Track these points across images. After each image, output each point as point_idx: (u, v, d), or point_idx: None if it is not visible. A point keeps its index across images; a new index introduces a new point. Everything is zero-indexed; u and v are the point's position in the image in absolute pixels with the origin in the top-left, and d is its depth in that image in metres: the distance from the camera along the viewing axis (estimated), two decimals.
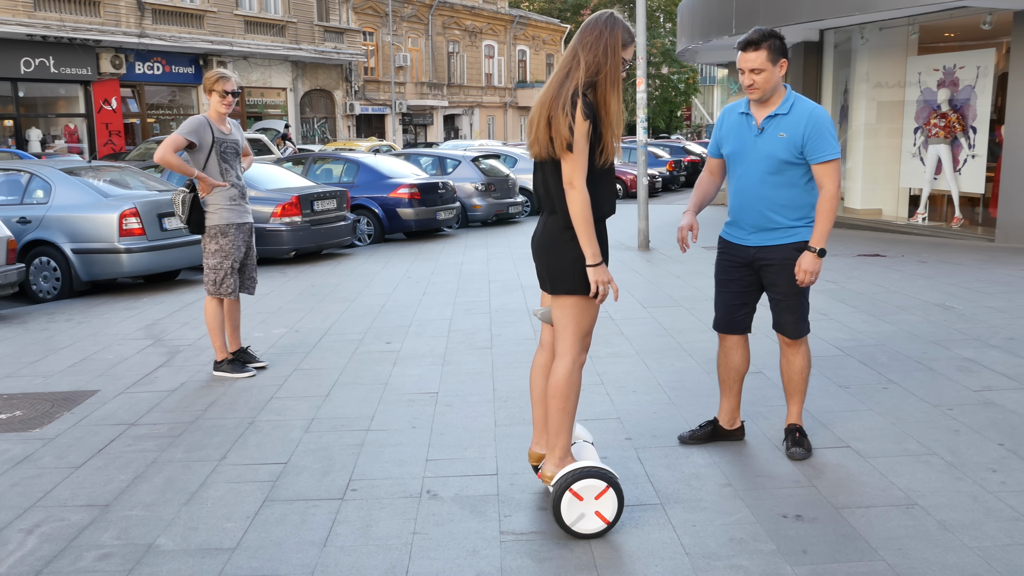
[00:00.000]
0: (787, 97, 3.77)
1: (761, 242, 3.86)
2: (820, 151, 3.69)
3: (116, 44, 22.84)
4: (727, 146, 3.92)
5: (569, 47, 3.27)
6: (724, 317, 4.07)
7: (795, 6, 12.14)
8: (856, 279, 8.60)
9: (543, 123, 3.18)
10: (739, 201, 3.89)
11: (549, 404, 3.35)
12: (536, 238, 3.39)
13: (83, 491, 3.84)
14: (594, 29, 3.23)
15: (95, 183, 9.40)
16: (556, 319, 3.35)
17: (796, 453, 3.98)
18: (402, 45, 37.57)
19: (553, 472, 3.36)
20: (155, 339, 6.83)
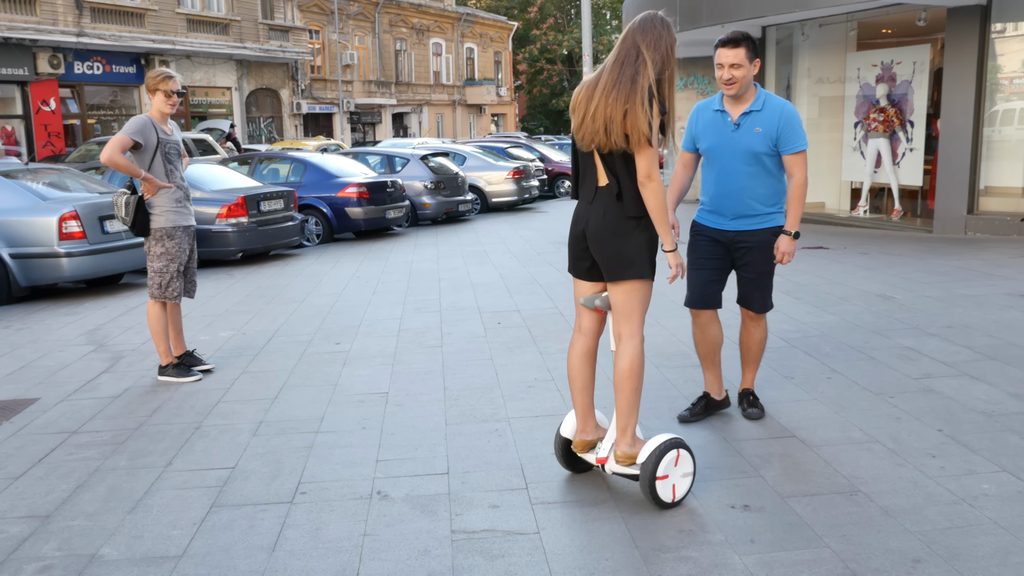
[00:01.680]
0: (759, 94, 4.11)
1: (741, 227, 4.19)
2: (792, 143, 4.06)
3: (54, 43, 22.28)
4: (704, 142, 4.21)
5: (625, 45, 3.36)
6: (699, 294, 4.32)
7: (737, 3, 12.31)
8: (800, 271, 8.76)
9: (619, 117, 3.27)
10: (720, 191, 4.18)
11: (622, 386, 3.51)
12: (595, 227, 3.44)
13: (23, 502, 3.74)
14: (652, 29, 3.37)
15: (33, 186, 9.16)
16: (621, 304, 3.50)
17: (752, 413, 4.42)
18: (349, 43, 37.25)
19: (627, 452, 3.51)
20: (98, 344, 6.68)
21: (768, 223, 4.17)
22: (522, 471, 3.88)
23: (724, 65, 4.01)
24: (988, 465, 3.72)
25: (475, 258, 10.82)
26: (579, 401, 3.70)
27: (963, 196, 11.19)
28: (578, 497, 3.58)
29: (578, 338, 3.70)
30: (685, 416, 4.44)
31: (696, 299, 4.32)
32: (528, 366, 5.59)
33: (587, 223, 3.48)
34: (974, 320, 6.33)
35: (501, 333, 6.53)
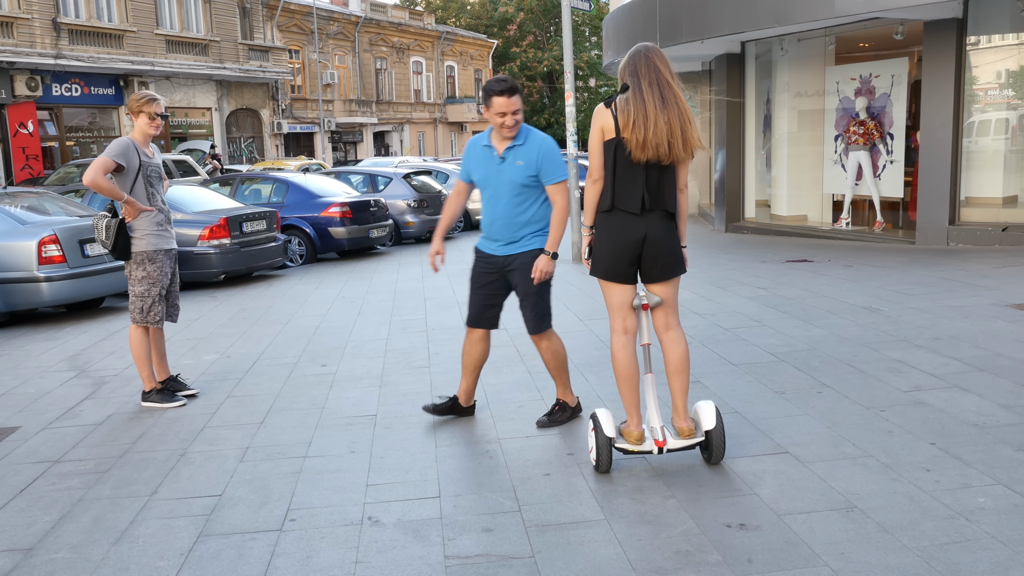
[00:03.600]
0: (522, 130, 4.50)
1: (509, 251, 4.55)
2: (552, 174, 4.46)
3: (31, 65, 22.14)
4: (476, 174, 4.60)
5: (649, 69, 3.77)
6: (476, 315, 4.70)
7: (717, 19, 12.40)
8: (786, 285, 8.78)
9: (679, 132, 3.75)
10: (490, 219, 4.57)
11: (682, 368, 3.99)
12: (656, 233, 3.86)
13: (4, 535, 3.65)
14: (661, 56, 3.85)
15: (11, 210, 9.05)
16: (671, 297, 4.00)
17: (540, 420, 4.71)
18: (329, 63, 37.25)
19: (690, 425, 3.98)
20: (79, 370, 6.57)
21: (530, 246, 4.52)
22: (515, 493, 3.83)
23: (507, 113, 4.36)
24: (983, 478, 3.70)
25: (460, 276, 10.77)
26: (635, 395, 3.99)
27: (944, 207, 11.28)
28: (572, 519, 3.54)
29: (627, 339, 4.00)
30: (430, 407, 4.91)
31: (474, 319, 4.70)
32: (517, 386, 5.55)
33: (647, 231, 3.84)
34: (961, 331, 6.35)
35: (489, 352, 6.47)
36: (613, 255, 3.87)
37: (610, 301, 3.99)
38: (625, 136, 3.73)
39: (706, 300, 8.14)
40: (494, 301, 4.67)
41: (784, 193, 14.26)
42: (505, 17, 52.73)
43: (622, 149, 3.77)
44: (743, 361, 5.83)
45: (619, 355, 3.98)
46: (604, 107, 3.83)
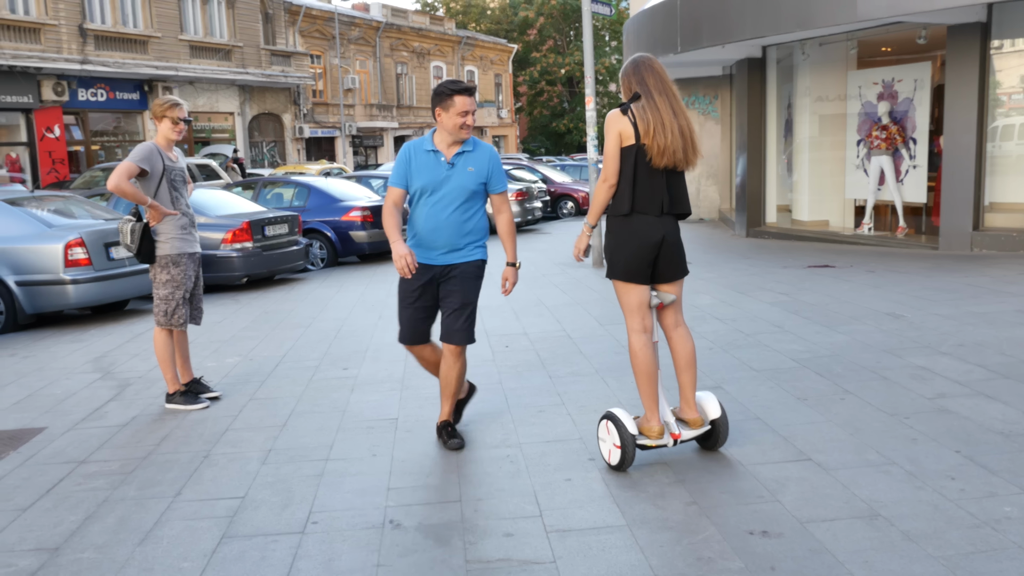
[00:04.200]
0: (471, 137, 4.48)
1: (450, 260, 4.44)
2: (500, 183, 4.52)
3: (58, 71, 22.41)
4: (419, 181, 4.39)
5: (655, 78, 3.98)
6: (412, 332, 4.55)
7: (738, 24, 12.36)
8: (807, 290, 8.73)
9: (694, 142, 3.99)
10: (432, 226, 4.39)
11: (692, 362, 4.17)
12: (673, 235, 4.05)
13: (31, 534, 3.70)
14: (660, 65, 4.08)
15: (38, 213, 9.17)
16: (679, 295, 4.18)
17: (454, 444, 4.52)
18: (350, 67, 37.46)
19: (698, 416, 4.18)
20: (104, 372, 6.64)
21: (472, 256, 4.47)
22: (535, 498, 3.83)
23: (469, 112, 4.33)
24: (1009, 487, 3.67)
25: None
26: (656, 391, 4.08)
27: (968, 212, 11.17)
28: (593, 524, 3.53)
29: (647, 338, 4.09)
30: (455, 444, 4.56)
31: (409, 336, 4.55)
32: (538, 390, 5.55)
33: (665, 233, 4.00)
34: (986, 338, 6.29)
35: (509, 357, 6.50)
36: (634, 257, 3.98)
37: (629, 302, 4.07)
38: (646, 143, 3.89)
39: (727, 305, 8.11)
40: (428, 314, 4.54)
41: (805, 198, 14.19)
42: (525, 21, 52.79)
43: (643, 155, 3.91)
44: (765, 367, 5.80)
45: (641, 353, 4.06)
46: (620, 113, 3.94)
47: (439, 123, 4.41)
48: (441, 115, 4.36)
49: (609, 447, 4.10)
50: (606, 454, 4.14)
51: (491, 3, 55.10)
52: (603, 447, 4.17)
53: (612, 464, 4.09)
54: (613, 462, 4.08)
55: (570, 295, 9.21)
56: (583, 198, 21.75)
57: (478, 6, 54.76)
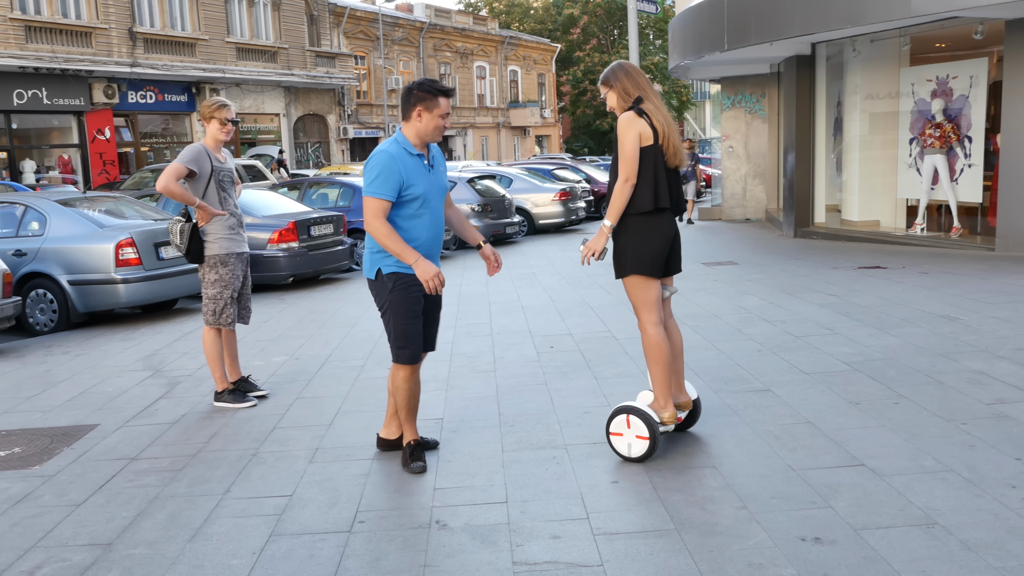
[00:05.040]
0: None
1: (438, 265, 4.21)
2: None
3: (108, 74, 22.87)
4: (418, 187, 4.07)
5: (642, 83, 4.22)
6: (419, 347, 4.27)
7: (787, 21, 12.18)
8: (858, 292, 8.56)
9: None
10: (435, 234, 4.21)
11: (682, 351, 4.42)
12: (677, 229, 4.32)
13: (85, 530, 3.76)
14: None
15: (90, 214, 9.35)
16: (674, 288, 4.45)
17: (417, 467, 4.25)
18: (394, 68, 37.70)
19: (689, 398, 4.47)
20: (154, 370, 6.75)
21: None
22: (582, 500, 3.79)
23: (448, 115, 4.14)
24: None
25: (524, 280, 10.77)
26: (669, 379, 4.27)
27: None
28: (641, 528, 3.49)
29: (663, 330, 4.26)
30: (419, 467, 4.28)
31: (418, 353, 4.25)
32: (584, 391, 5.51)
33: (674, 227, 4.28)
34: None
35: (554, 357, 6.46)
36: (658, 252, 4.19)
37: (648, 297, 4.22)
38: (663, 143, 4.15)
39: (776, 307, 7.98)
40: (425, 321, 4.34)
41: (856, 198, 13.93)
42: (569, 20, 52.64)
43: (660, 155, 4.15)
44: (815, 370, 5.69)
45: (662, 344, 4.23)
46: (637, 115, 4.13)
47: (417, 123, 4.08)
48: (423, 115, 4.07)
49: (629, 441, 4.21)
50: (625, 449, 4.23)
51: (534, 2, 55.04)
52: (620, 443, 4.24)
53: (634, 456, 4.19)
54: (636, 454, 4.19)
55: (615, 296, 9.14)
56: None
57: (521, 6, 54.74)
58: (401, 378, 4.25)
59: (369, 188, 4.01)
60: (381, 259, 4.13)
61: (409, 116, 4.10)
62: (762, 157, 18.67)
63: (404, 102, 4.13)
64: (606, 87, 4.29)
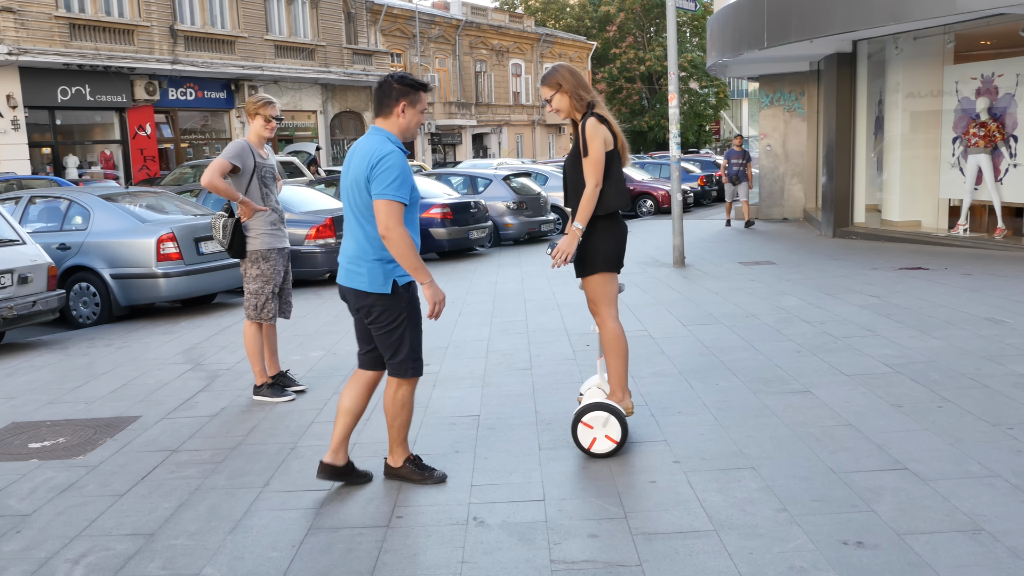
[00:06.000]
0: None
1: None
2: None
3: (150, 71, 23.19)
4: (416, 191, 3.84)
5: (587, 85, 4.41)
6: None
7: (828, 18, 12.01)
8: (900, 293, 8.43)
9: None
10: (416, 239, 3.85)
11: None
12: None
13: (128, 519, 3.81)
14: None
15: (132, 208, 9.49)
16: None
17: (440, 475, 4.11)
18: (430, 65, 37.81)
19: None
20: (194, 363, 6.83)
21: None
22: (620, 499, 3.78)
23: (424, 110, 3.93)
24: None
25: (559, 278, 10.74)
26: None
27: None
28: (680, 528, 3.46)
29: (620, 322, 4.46)
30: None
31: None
32: None
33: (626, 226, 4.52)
34: None
35: (590, 356, 6.44)
36: (621, 249, 4.42)
37: (611, 291, 4.42)
38: (620, 147, 4.34)
39: (815, 308, 7.89)
40: None
41: (896, 198, 13.72)
42: (605, 17, 52.43)
43: (617, 158, 4.34)
44: (856, 372, 5.61)
45: (623, 337, 4.42)
46: (599, 122, 4.26)
47: (400, 119, 3.83)
48: (407, 111, 3.81)
49: (598, 437, 4.27)
50: (592, 445, 4.28)
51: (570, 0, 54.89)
52: (598, 447, 4.28)
53: (606, 452, 4.26)
54: (605, 449, 4.27)
55: (651, 294, 9.09)
56: (663, 196, 21.49)
57: (557, 3, 54.63)
58: (409, 394, 3.97)
59: (389, 190, 3.66)
60: (393, 269, 3.81)
61: (391, 112, 3.82)
62: (800, 156, 18.45)
63: (384, 96, 3.82)
64: (552, 90, 4.32)
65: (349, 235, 3.88)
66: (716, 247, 13.55)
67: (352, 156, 3.86)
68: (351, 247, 3.86)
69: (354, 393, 4.03)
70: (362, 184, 3.73)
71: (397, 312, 3.86)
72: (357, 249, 3.84)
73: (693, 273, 10.65)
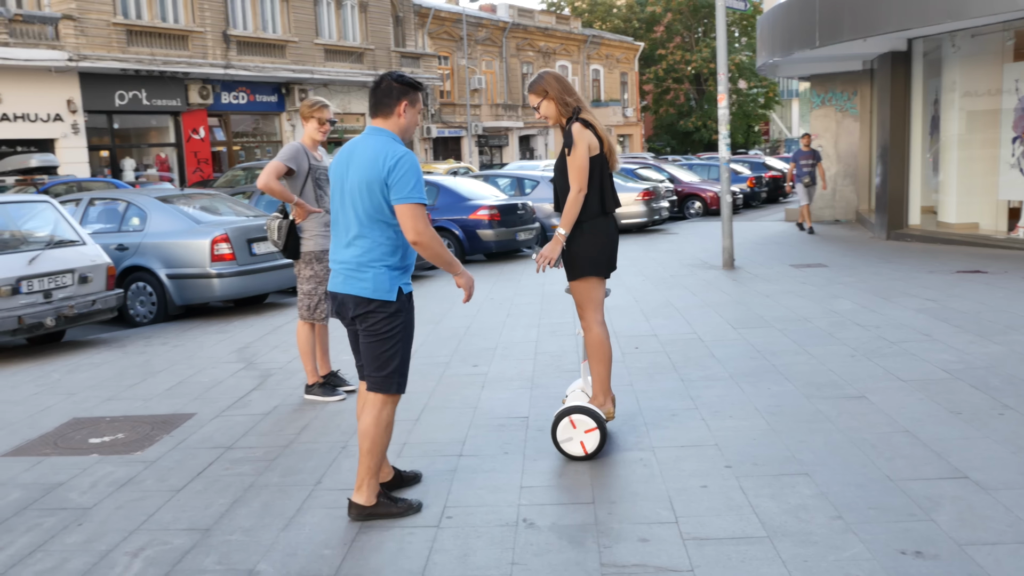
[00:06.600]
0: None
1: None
2: None
3: (203, 75, 23.63)
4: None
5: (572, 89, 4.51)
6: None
7: (882, 16, 11.80)
8: (957, 297, 8.23)
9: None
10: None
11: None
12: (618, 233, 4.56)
13: (184, 514, 3.89)
14: None
15: (187, 210, 9.67)
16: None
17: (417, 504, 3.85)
18: (477, 68, 37.95)
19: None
20: (247, 362, 6.94)
21: None
22: (671, 503, 3.75)
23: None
24: None
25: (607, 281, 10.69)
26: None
27: None
28: (732, 534, 3.43)
29: (606, 327, 4.47)
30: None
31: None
32: (670, 394, 5.44)
33: (617, 230, 4.53)
34: None
35: (639, 358, 6.40)
36: (611, 253, 4.45)
37: (598, 296, 4.45)
38: (607, 151, 4.39)
39: (869, 311, 7.74)
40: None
41: (953, 199, 13.41)
42: (652, 17, 52.12)
43: (605, 162, 4.39)
44: (912, 377, 5.50)
45: (607, 342, 4.44)
46: (584, 127, 4.33)
47: (400, 118, 3.71)
48: (407, 111, 3.71)
49: (580, 439, 4.29)
50: (577, 449, 4.30)
51: (617, 1, 54.67)
52: (570, 446, 4.31)
53: (588, 454, 4.29)
54: (592, 448, 4.29)
55: (700, 297, 9.01)
56: (711, 198, 21.28)
57: (604, 4, 54.46)
58: (393, 414, 3.81)
59: (414, 194, 3.54)
60: (400, 277, 3.69)
61: (391, 111, 3.69)
62: (853, 157, 18.14)
63: (385, 96, 3.70)
64: (539, 97, 4.41)
65: (350, 239, 3.67)
66: (766, 249, 13.38)
67: (351, 157, 3.66)
68: (353, 252, 3.66)
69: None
70: (375, 187, 3.55)
71: (397, 321, 3.69)
72: (361, 254, 3.64)
73: (743, 275, 10.53)
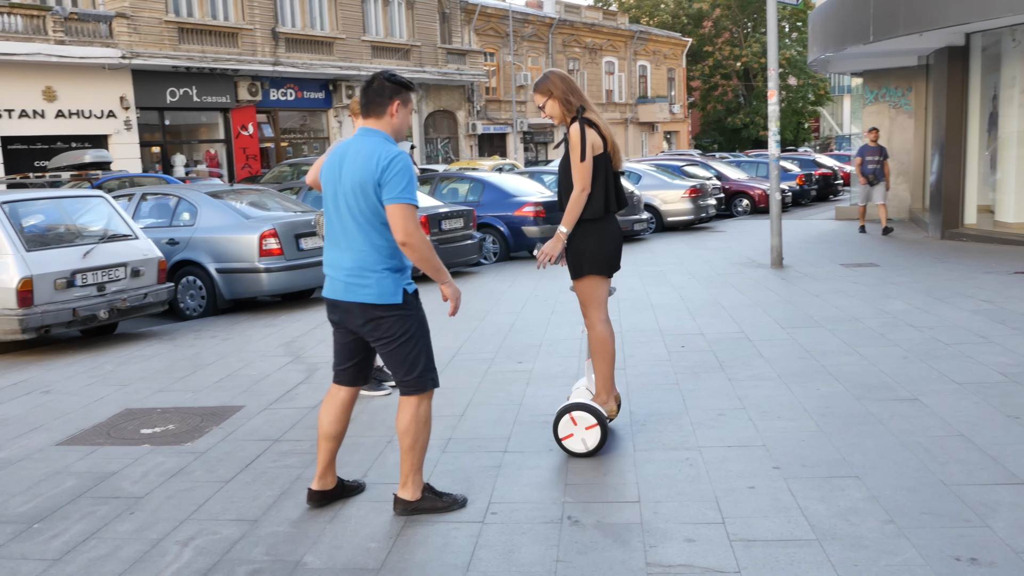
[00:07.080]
0: None
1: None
2: None
3: (252, 72, 23.96)
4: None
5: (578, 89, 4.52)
6: None
7: (939, 9, 11.52)
8: (1015, 298, 8.02)
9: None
10: None
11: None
12: (621, 233, 4.55)
13: (233, 505, 3.94)
14: None
15: (237, 205, 9.81)
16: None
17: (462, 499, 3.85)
18: (522, 64, 37.92)
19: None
20: (294, 356, 7.02)
21: None
22: (717, 504, 3.71)
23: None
24: None
25: (652, 278, 10.63)
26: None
27: None
28: (780, 536, 3.38)
29: (609, 325, 4.50)
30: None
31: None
32: (717, 393, 5.38)
33: (621, 230, 4.52)
34: None
35: (686, 357, 6.34)
36: (614, 252, 4.45)
37: (602, 295, 4.48)
38: (610, 150, 4.37)
39: (923, 312, 7.58)
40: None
41: (1011, 198, 13.06)
42: (700, 13, 51.61)
43: (609, 161, 4.38)
44: (968, 380, 5.36)
45: (610, 340, 4.46)
46: (588, 127, 4.31)
47: (393, 118, 3.66)
48: (399, 110, 3.66)
49: (582, 436, 4.30)
50: (580, 446, 4.31)
51: None
52: (572, 443, 4.32)
53: (590, 450, 4.30)
54: (593, 444, 4.30)
55: (748, 296, 8.90)
56: (759, 195, 21.01)
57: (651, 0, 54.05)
58: (430, 408, 3.72)
59: (405, 194, 3.47)
60: (403, 278, 3.64)
61: (384, 111, 3.63)
62: (907, 154, 17.76)
63: (377, 96, 3.62)
64: (544, 96, 4.41)
65: (346, 244, 3.61)
66: (816, 248, 13.17)
67: (344, 159, 3.61)
68: (351, 258, 3.59)
69: (334, 414, 3.82)
70: (369, 189, 3.49)
71: (410, 322, 3.64)
72: (360, 259, 3.57)
73: (792, 275, 10.37)
